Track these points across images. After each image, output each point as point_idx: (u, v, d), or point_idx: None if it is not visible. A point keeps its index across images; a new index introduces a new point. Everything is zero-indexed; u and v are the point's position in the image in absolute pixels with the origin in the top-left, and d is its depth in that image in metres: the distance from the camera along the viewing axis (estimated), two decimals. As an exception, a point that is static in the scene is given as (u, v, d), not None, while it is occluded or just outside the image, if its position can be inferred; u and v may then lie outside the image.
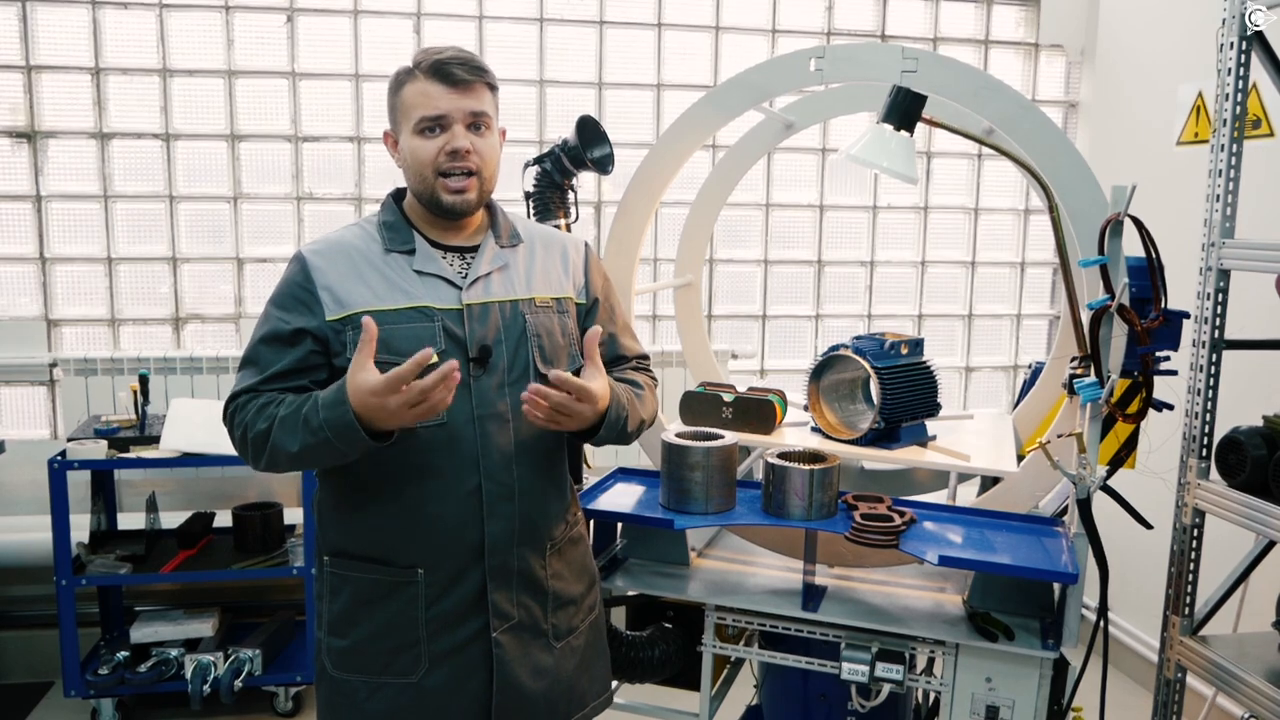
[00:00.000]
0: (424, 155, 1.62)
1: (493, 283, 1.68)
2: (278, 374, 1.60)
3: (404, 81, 1.64)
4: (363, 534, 1.66)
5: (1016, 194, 4.11)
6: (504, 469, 1.64)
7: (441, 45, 1.66)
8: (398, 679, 1.65)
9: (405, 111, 1.64)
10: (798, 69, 2.08)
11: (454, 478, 1.61)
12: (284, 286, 1.64)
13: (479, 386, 1.62)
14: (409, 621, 1.64)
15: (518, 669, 1.68)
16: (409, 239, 1.66)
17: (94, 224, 3.54)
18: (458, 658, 1.65)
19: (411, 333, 1.59)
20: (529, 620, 1.70)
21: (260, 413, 1.57)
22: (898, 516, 1.89)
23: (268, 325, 1.62)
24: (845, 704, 2.04)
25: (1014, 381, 4.18)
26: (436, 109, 1.60)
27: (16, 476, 3.47)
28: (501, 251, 1.72)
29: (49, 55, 3.45)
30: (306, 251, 1.65)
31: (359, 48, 3.60)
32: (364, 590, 1.65)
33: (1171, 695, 2.32)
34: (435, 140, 1.62)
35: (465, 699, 1.66)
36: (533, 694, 1.70)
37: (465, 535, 1.63)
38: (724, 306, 3.99)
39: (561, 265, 1.78)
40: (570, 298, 1.77)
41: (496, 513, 1.64)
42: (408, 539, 1.63)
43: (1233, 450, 2.14)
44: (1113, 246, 1.77)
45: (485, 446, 1.62)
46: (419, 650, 1.64)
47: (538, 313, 1.70)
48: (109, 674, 3.10)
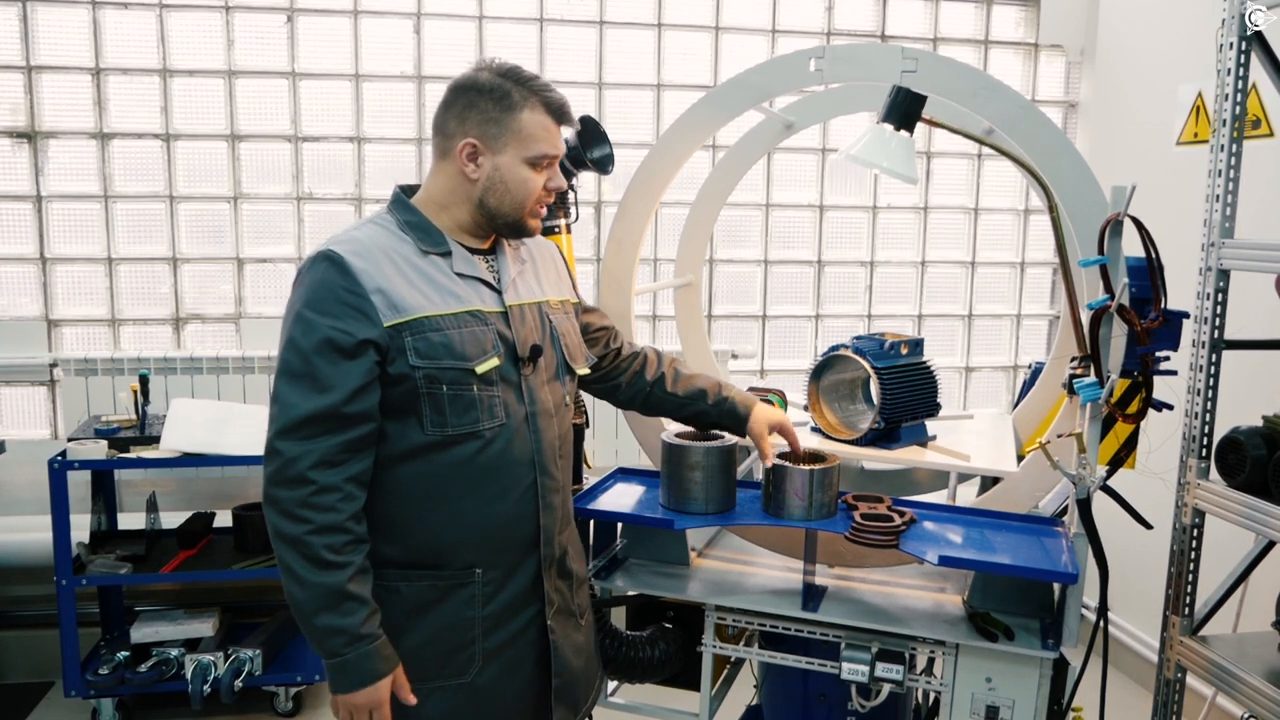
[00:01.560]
0: (533, 187, 1.65)
1: (519, 285, 1.72)
2: (356, 414, 1.49)
3: (521, 106, 1.61)
4: (415, 542, 1.62)
5: (1016, 194, 4.11)
6: (553, 462, 1.70)
7: (542, 78, 1.68)
8: (451, 680, 1.65)
9: (522, 140, 1.62)
10: (798, 69, 2.08)
11: (514, 474, 1.65)
12: (324, 291, 1.50)
13: (529, 385, 1.67)
14: (465, 622, 1.64)
15: (566, 651, 1.75)
16: (441, 241, 1.64)
17: (94, 224, 3.54)
18: (509, 651, 1.69)
19: (471, 336, 1.59)
20: (564, 604, 1.77)
21: (342, 534, 1.48)
22: (898, 516, 1.89)
23: (318, 335, 1.48)
24: (845, 704, 2.04)
25: (1014, 381, 4.18)
26: (557, 149, 1.67)
27: (16, 476, 3.47)
28: (515, 254, 1.76)
29: (49, 55, 3.45)
30: (343, 252, 1.52)
31: (359, 48, 3.61)
32: (414, 598, 1.62)
33: (1171, 695, 2.32)
34: (542, 174, 1.66)
35: (516, 689, 1.70)
36: (576, 672, 1.78)
37: (522, 529, 1.67)
38: (724, 306, 3.99)
39: (555, 270, 1.86)
40: (570, 300, 1.86)
41: (549, 504, 1.69)
42: (467, 540, 1.63)
43: (1232, 450, 2.14)
44: (1113, 246, 1.77)
45: (539, 442, 1.67)
46: (474, 650, 1.65)
47: (555, 314, 1.77)
48: (109, 674, 3.10)
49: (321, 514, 1.48)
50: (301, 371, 1.49)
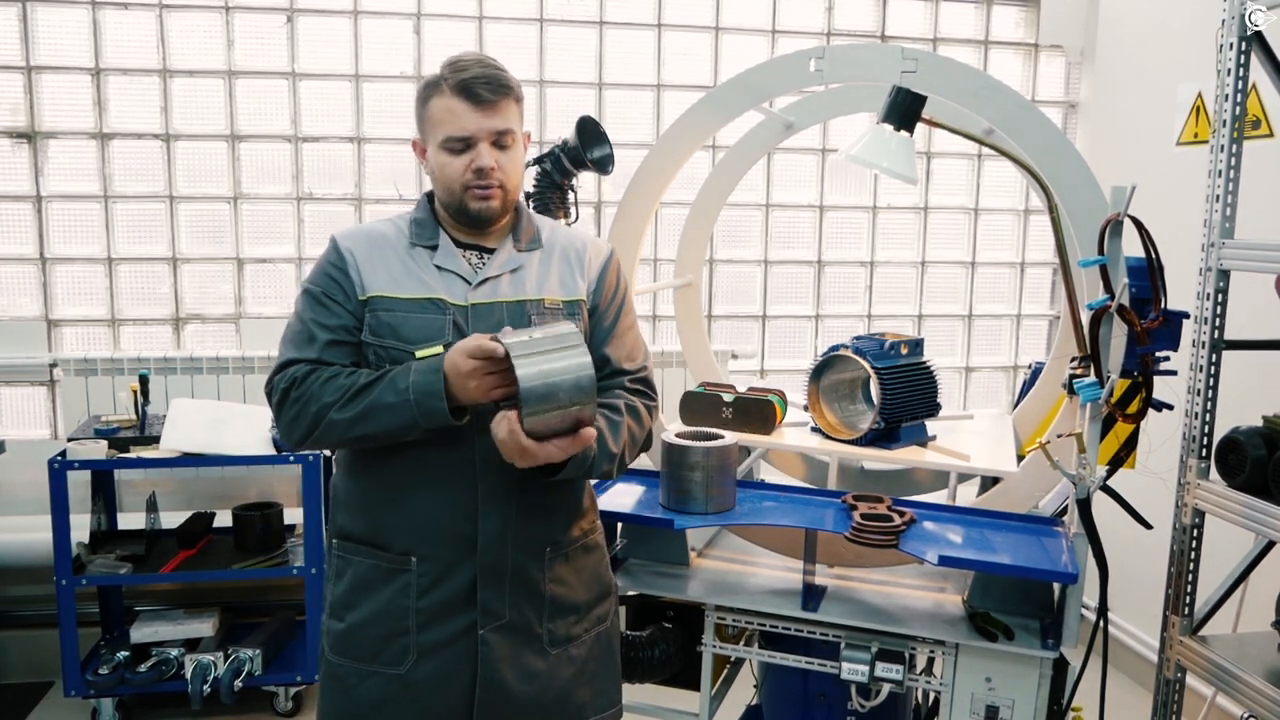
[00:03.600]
0: (451, 172, 1.66)
1: (501, 284, 1.70)
2: (333, 341, 1.65)
3: (431, 95, 1.66)
4: (365, 518, 1.70)
5: (1016, 194, 4.11)
6: (501, 468, 1.61)
7: (468, 58, 1.68)
8: (386, 669, 1.67)
9: (432, 126, 1.67)
10: (798, 69, 2.08)
11: (450, 471, 1.64)
12: (320, 267, 1.70)
13: None
14: (400, 610, 1.66)
15: (504, 669, 1.67)
16: (434, 235, 1.72)
17: (94, 224, 3.54)
18: (445, 652, 1.66)
19: (422, 322, 1.65)
20: (521, 622, 1.69)
21: (327, 384, 1.60)
22: (898, 516, 1.89)
23: (310, 298, 1.68)
24: (845, 704, 2.04)
25: (1014, 381, 4.18)
26: (463, 130, 1.64)
27: (16, 476, 3.47)
28: (517, 255, 1.74)
29: (49, 55, 3.45)
30: (339, 235, 1.72)
31: (359, 48, 3.61)
32: (362, 574, 1.69)
33: (1171, 695, 2.32)
34: (462, 158, 1.65)
35: (451, 694, 1.67)
36: (520, 697, 1.69)
37: (459, 529, 1.65)
38: (724, 306, 3.99)
39: (577, 267, 1.78)
40: (582, 299, 1.76)
41: (490, 511, 1.65)
42: (403, 526, 1.66)
43: (1232, 450, 2.14)
44: (1112, 247, 1.77)
45: (483, 444, 1.61)
46: (408, 640, 1.66)
47: (545, 314, 1.70)
48: (109, 674, 3.10)
49: (302, 385, 1.62)
50: (297, 329, 1.68)
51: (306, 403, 1.60)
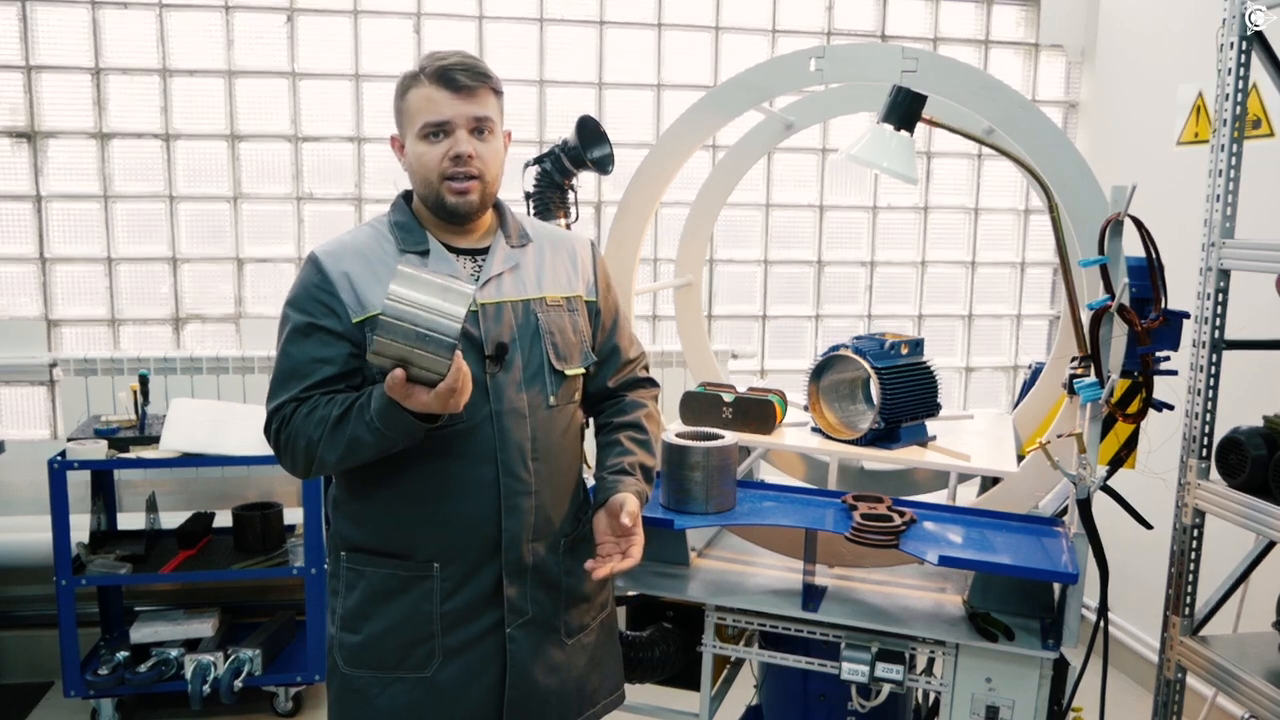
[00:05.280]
0: (428, 160, 1.64)
1: (505, 282, 1.70)
2: (322, 380, 1.60)
3: (409, 87, 1.67)
4: (380, 529, 1.68)
5: (1016, 194, 4.10)
6: (521, 465, 1.66)
7: (446, 50, 1.68)
8: (411, 674, 1.66)
9: (410, 117, 1.66)
10: (798, 69, 2.08)
11: (472, 473, 1.64)
12: (302, 290, 1.64)
13: (495, 384, 1.64)
14: (423, 616, 1.65)
15: (531, 665, 1.70)
16: (422, 239, 1.68)
17: (94, 224, 3.54)
18: (471, 652, 1.67)
19: None
20: (542, 616, 1.72)
21: (309, 418, 1.58)
22: (898, 516, 1.89)
23: (292, 328, 1.63)
24: (845, 704, 2.04)
25: (1014, 381, 4.18)
26: (440, 115, 1.63)
27: (16, 476, 3.47)
28: (512, 251, 1.73)
29: (49, 55, 3.45)
30: (320, 253, 1.65)
31: (359, 48, 3.60)
32: (379, 585, 1.67)
33: (1171, 695, 2.32)
34: (439, 146, 1.64)
35: (478, 694, 1.68)
36: (545, 690, 1.72)
37: (482, 530, 1.65)
38: (724, 306, 3.98)
39: (570, 264, 1.80)
40: (580, 296, 1.79)
41: (513, 508, 1.66)
42: (425, 533, 1.65)
43: (1233, 450, 2.14)
44: (1113, 246, 1.77)
45: (503, 442, 1.64)
46: (433, 645, 1.66)
47: (549, 311, 1.72)
48: (109, 674, 3.10)
49: (289, 426, 1.60)
50: (284, 367, 1.63)
51: (295, 439, 1.59)
